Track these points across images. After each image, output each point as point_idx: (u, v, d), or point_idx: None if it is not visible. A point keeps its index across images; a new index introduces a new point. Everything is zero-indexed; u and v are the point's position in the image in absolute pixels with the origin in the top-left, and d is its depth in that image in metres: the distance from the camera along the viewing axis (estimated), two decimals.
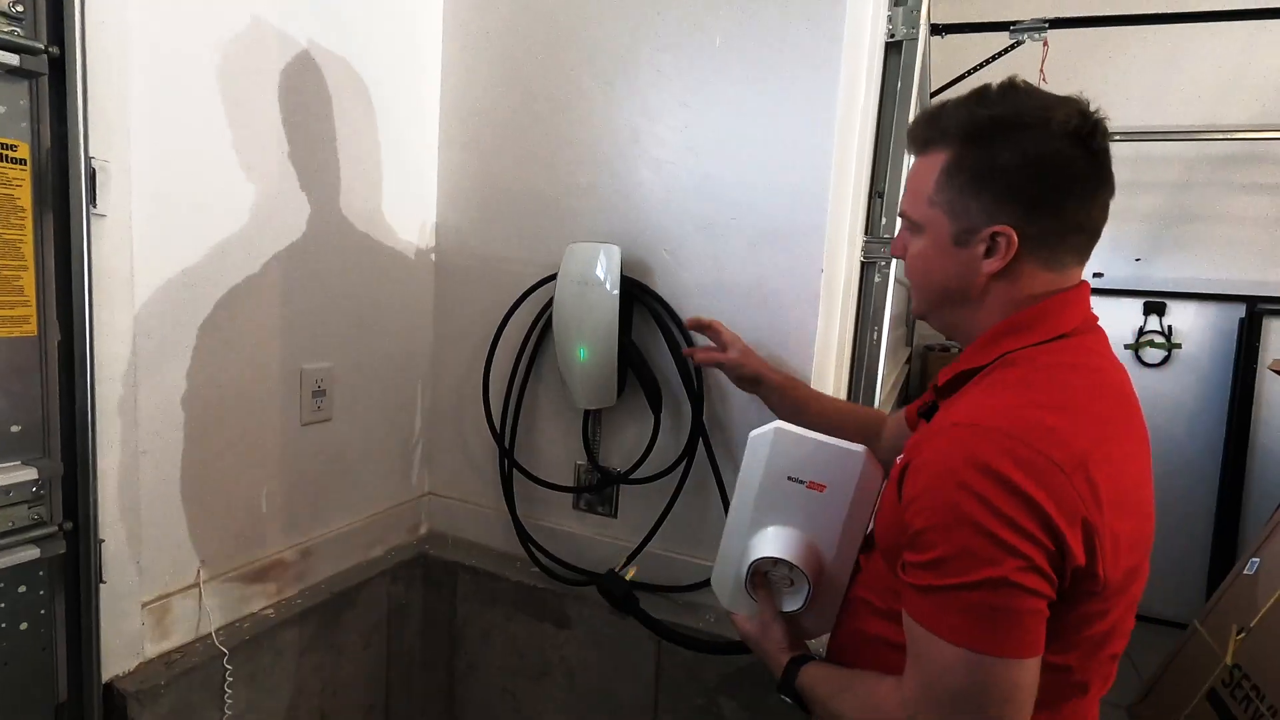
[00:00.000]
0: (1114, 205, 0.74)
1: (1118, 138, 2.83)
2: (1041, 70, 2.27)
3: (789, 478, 0.87)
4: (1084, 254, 0.74)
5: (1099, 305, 0.77)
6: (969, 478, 0.61)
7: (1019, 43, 2.27)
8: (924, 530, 0.64)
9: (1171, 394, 3.09)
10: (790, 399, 1.15)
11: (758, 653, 0.90)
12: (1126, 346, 3.12)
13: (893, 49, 1.39)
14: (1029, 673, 0.62)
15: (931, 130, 0.75)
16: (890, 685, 0.71)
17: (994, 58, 2.35)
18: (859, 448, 0.85)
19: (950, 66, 2.66)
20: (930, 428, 0.72)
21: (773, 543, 0.87)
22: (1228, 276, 2.97)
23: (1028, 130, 0.69)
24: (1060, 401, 0.66)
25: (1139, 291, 3.07)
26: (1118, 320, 3.12)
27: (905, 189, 0.80)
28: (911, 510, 0.66)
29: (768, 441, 0.87)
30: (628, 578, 1.19)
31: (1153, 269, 3.06)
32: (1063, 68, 2.90)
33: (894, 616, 0.75)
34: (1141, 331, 3.10)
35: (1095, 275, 3.11)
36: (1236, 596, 2.19)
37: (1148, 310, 3.08)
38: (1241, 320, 2.95)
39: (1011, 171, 0.70)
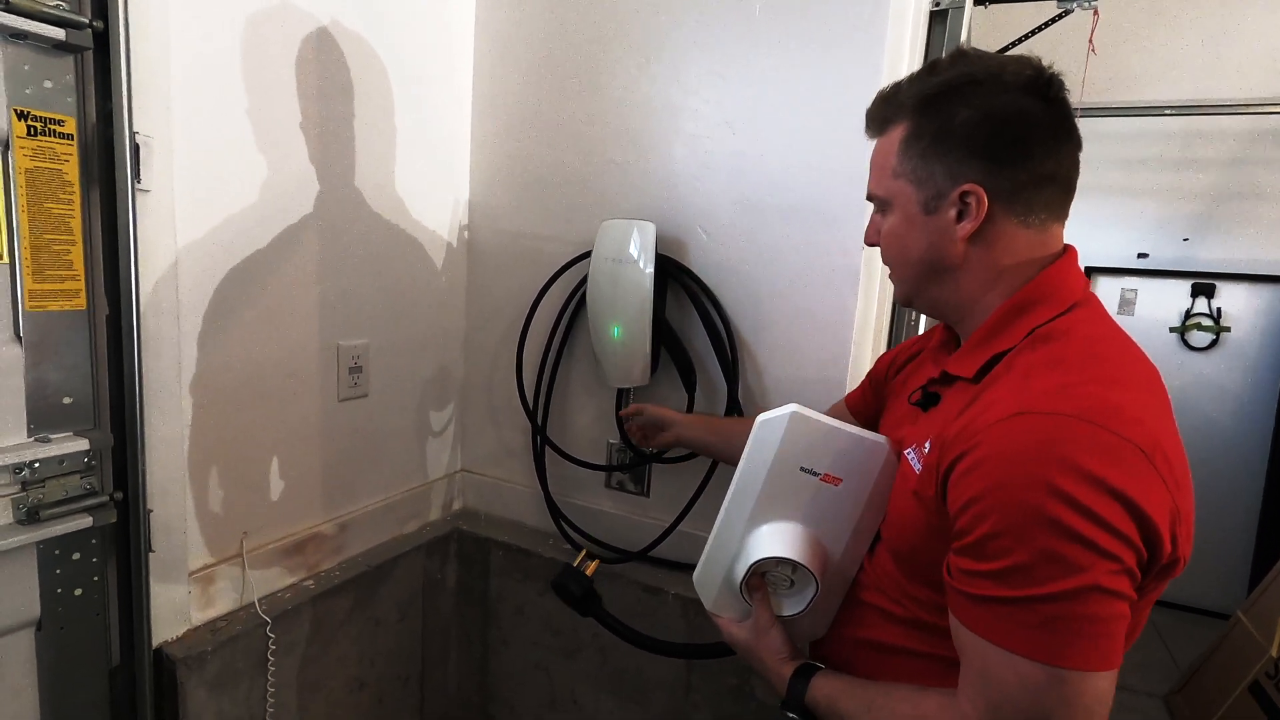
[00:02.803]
0: (1162, 183, 0.71)
1: (1168, 112, 2.74)
2: (1091, 41, 2.17)
3: (802, 468, 0.77)
4: (1061, 210, 0.71)
5: (1143, 287, 0.74)
6: (1049, 473, 0.55)
7: (1067, 12, 2.18)
8: (993, 535, 0.58)
9: (1219, 379, 2.99)
10: (703, 424, 1.20)
11: (751, 661, 0.82)
12: (1172, 329, 3.02)
13: (937, 18, 1.35)
14: (1112, 682, 0.57)
15: (888, 108, 0.74)
16: (937, 703, 0.65)
17: (1041, 27, 2.26)
18: (882, 438, 0.78)
19: (994, 38, 2.57)
20: (975, 418, 0.64)
21: (779, 541, 0.78)
22: None
23: (981, 86, 0.68)
24: (1113, 375, 0.62)
25: (1186, 273, 2.96)
26: (1163, 302, 3.02)
27: (870, 171, 0.77)
28: (971, 512, 0.60)
29: (781, 427, 0.77)
30: (588, 573, 1.04)
31: (1202, 249, 2.94)
32: (1112, 39, 2.79)
33: (916, 624, 0.72)
34: (1188, 314, 2.99)
35: (1140, 256, 3.01)
36: None
37: (1195, 292, 2.97)
38: None
39: (970, 128, 0.68)
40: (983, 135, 0.68)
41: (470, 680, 1.66)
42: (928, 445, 0.71)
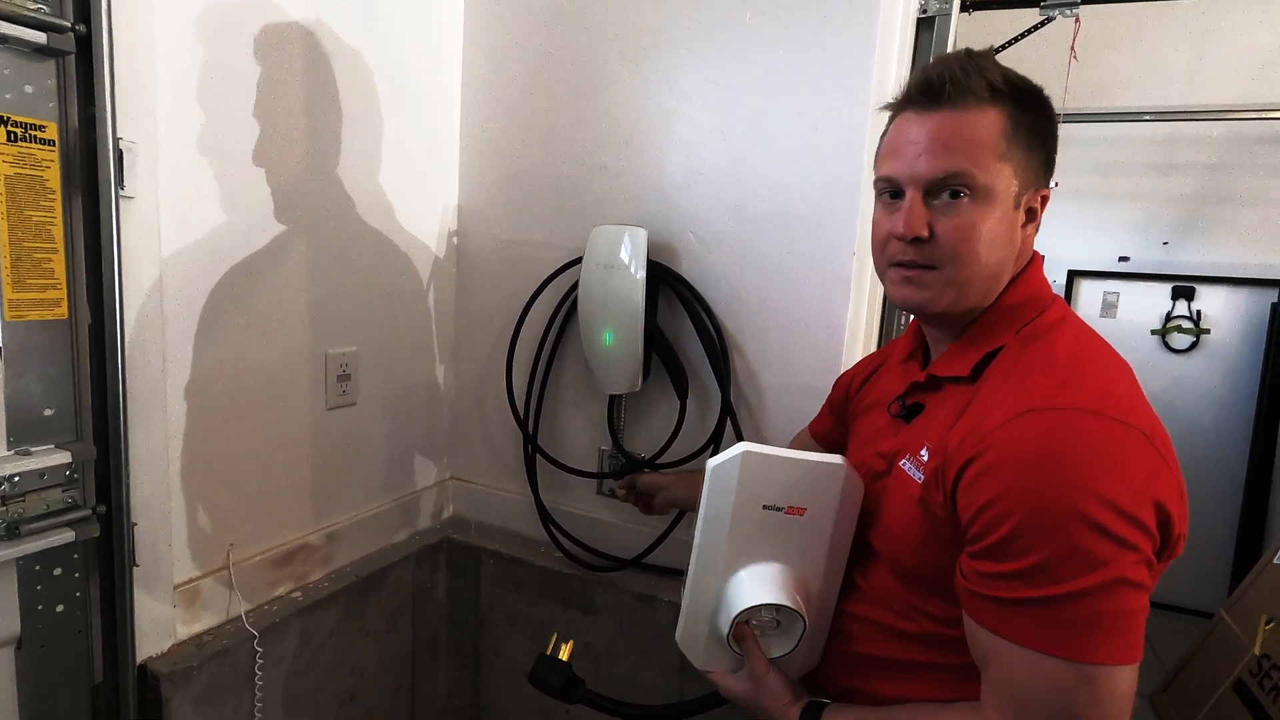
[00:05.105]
0: (1143, 187, 0.75)
1: (1148, 118, 2.78)
2: (1073, 48, 2.20)
3: (764, 506, 0.75)
4: None
5: (1124, 290, 0.77)
6: (1067, 470, 0.55)
7: (1050, 19, 2.20)
8: (1014, 535, 0.57)
9: (1199, 380, 3.03)
10: (684, 481, 1.19)
11: (753, 710, 0.79)
12: (1153, 332, 3.06)
13: (924, 25, 1.35)
14: (1136, 676, 0.57)
15: (974, 81, 0.65)
16: (956, 716, 0.64)
17: (1024, 34, 2.29)
18: (838, 459, 0.76)
19: (978, 44, 2.59)
20: (979, 422, 0.63)
21: (759, 586, 0.75)
22: (1260, 260, 2.90)
23: (1039, 96, 0.70)
24: (1104, 365, 0.64)
25: (1167, 276, 3.01)
26: (1144, 305, 3.06)
27: (955, 145, 0.65)
28: (989, 515, 0.58)
29: (734, 469, 0.73)
30: (563, 657, 0.99)
31: (1181, 252, 2.99)
32: (1094, 46, 2.83)
33: (930, 639, 0.71)
34: (1169, 316, 3.04)
35: (1121, 259, 3.05)
36: (1265, 586, 2.16)
37: (1176, 295, 3.01)
38: (1274, 305, 2.88)
39: (1049, 135, 0.70)
40: (1052, 145, 0.70)
41: (461, 691, 1.64)
42: (925, 453, 0.69)
